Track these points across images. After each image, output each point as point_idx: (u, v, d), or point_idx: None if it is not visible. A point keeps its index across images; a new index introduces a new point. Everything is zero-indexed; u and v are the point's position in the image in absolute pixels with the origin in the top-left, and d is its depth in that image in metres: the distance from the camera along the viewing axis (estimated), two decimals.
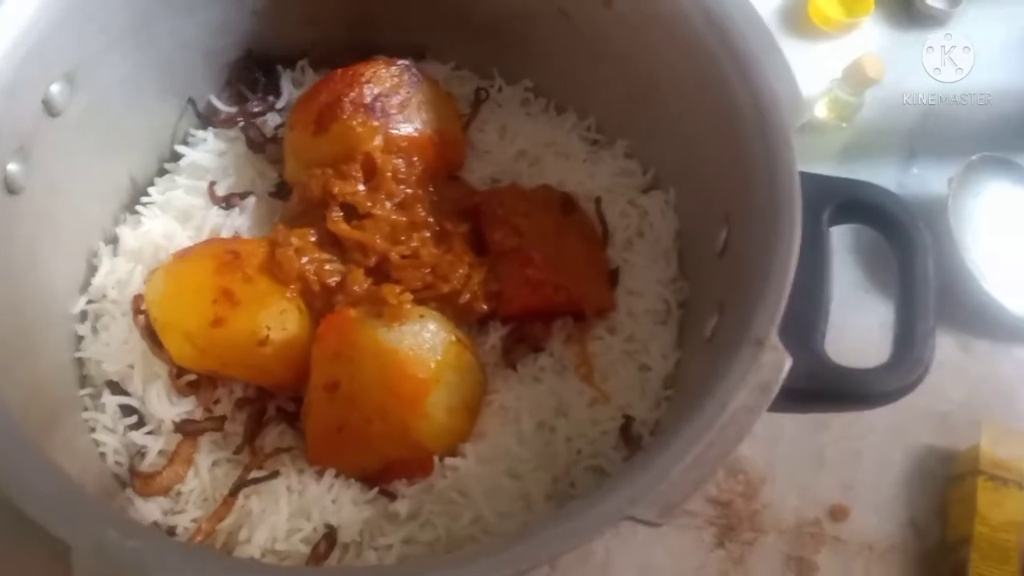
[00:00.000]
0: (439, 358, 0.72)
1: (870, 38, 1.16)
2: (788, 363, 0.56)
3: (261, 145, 0.87)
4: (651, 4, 0.74)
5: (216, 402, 0.77)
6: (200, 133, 0.89)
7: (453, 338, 0.74)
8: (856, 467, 0.89)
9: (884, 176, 1.07)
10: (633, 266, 0.82)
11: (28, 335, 0.73)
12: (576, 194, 0.85)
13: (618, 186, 0.86)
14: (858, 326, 0.90)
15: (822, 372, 0.61)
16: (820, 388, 0.61)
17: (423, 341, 0.72)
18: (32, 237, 0.74)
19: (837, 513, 0.88)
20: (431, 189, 0.82)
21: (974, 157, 1.03)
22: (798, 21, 1.17)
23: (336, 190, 0.78)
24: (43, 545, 0.52)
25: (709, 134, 0.73)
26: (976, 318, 0.97)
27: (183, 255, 0.77)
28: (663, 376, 0.78)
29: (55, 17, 0.70)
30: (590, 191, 0.85)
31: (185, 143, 0.89)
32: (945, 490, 0.88)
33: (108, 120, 0.80)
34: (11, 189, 0.70)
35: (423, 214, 0.80)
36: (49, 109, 0.73)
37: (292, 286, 0.76)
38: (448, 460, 0.71)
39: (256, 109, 0.88)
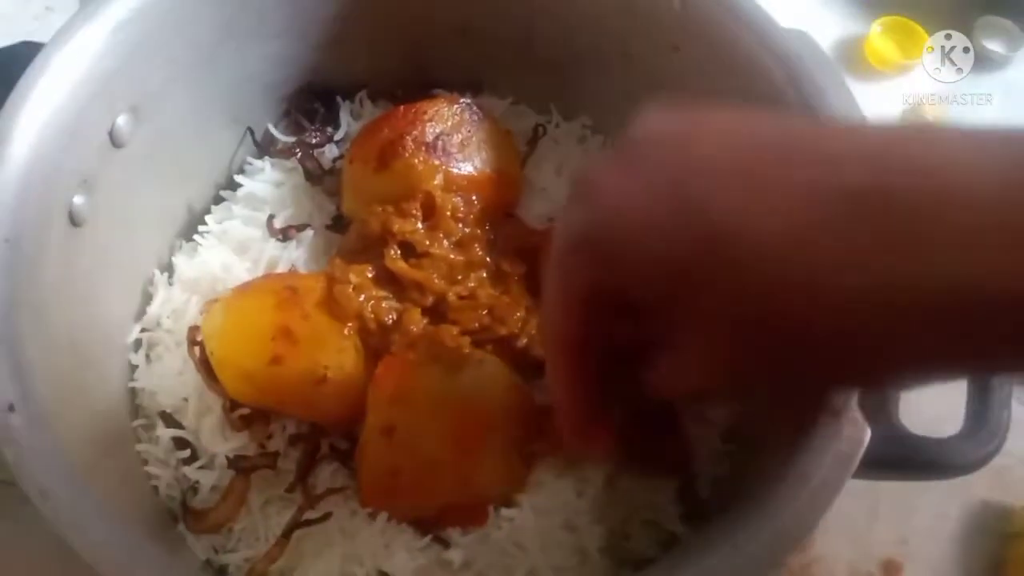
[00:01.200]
0: (497, 404, 0.71)
1: (926, 81, 1.15)
2: (868, 435, 0.55)
3: (319, 177, 0.86)
4: (723, 51, 0.73)
5: (269, 437, 0.77)
6: (257, 162, 0.88)
7: (511, 383, 0.73)
8: (911, 521, 0.88)
9: None
10: None
11: (84, 365, 0.73)
12: None
13: None
14: None
15: (897, 442, 0.60)
16: (895, 458, 0.60)
17: (481, 386, 0.71)
18: (91, 267, 0.74)
19: (890, 569, 0.86)
20: (488, 228, 0.81)
21: None
22: (854, 62, 1.16)
23: (396, 228, 0.78)
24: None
25: None
26: None
27: (242, 290, 0.77)
28: (722, 429, 0.76)
29: (124, 51, 0.70)
30: None
31: (242, 172, 0.89)
32: (1001, 549, 0.87)
33: (169, 150, 0.80)
34: (75, 222, 0.70)
35: (480, 253, 0.79)
36: (114, 141, 0.73)
37: (350, 324, 0.75)
38: (504, 511, 0.70)
39: (314, 140, 0.88)
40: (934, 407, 0.72)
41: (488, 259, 0.79)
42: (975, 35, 1.15)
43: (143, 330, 0.81)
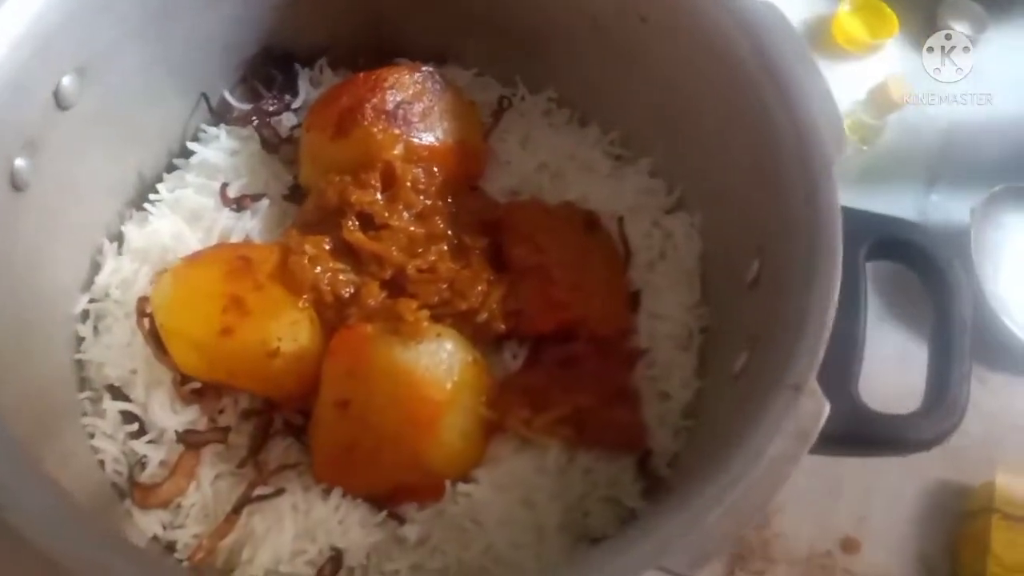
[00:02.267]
0: (455, 379, 0.70)
1: (893, 62, 1.14)
2: (827, 410, 0.54)
3: (275, 146, 0.84)
4: (693, 23, 0.72)
5: (221, 412, 0.75)
6: (212, 130, 0.86)
7: (470, 358, 0.71)
8: (870, 500, 0.88)
9: (903, 202, 1.06)
10: (655, 289, 0.80)
11: (28, 335, 0.70)
12: (599, 211, 0.82)
13: (642, 205, 0.84)
14: (875, 357, 0.88)
15: (856, 418, 0.60)
16: (854, 434, 0.60)
17: (439, 361, 0.70)
18: (35, 234, 0.71)
19: (849, 546, 0.86)
20: (450, 200, 0.79)
21: (997, 188, 1.01)
22: (822, 41, 1.15)
23: (354, 198, 0.76)
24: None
25: (743, 160, 0.71)
26: (994, 351, 0.96)
27: (192, 259, 0.74)
28: (682, 405, 0.76)
29: (69, 7, 0.67)
30: (613, 209, 0.83)
31: (196, 139, 0.86)
32: (958, 527, 0.87)
33: (119, 114, 0.77)
34: (16, 185, 0.67)
35: (442, 226, 0.78)
36: (59, 102, 0.70)
37: (304, 296, 0.73)
38: (461, 486, 0.69)
39: (271, 108, 0.86)
40: (894, 384, 0.72)
41: (449, 232, 0.78)
42: (941, 16, 1.15)
43: (91, 300, 0.78)
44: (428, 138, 0.79)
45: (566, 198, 0.83)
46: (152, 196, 0.83)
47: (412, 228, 0.77)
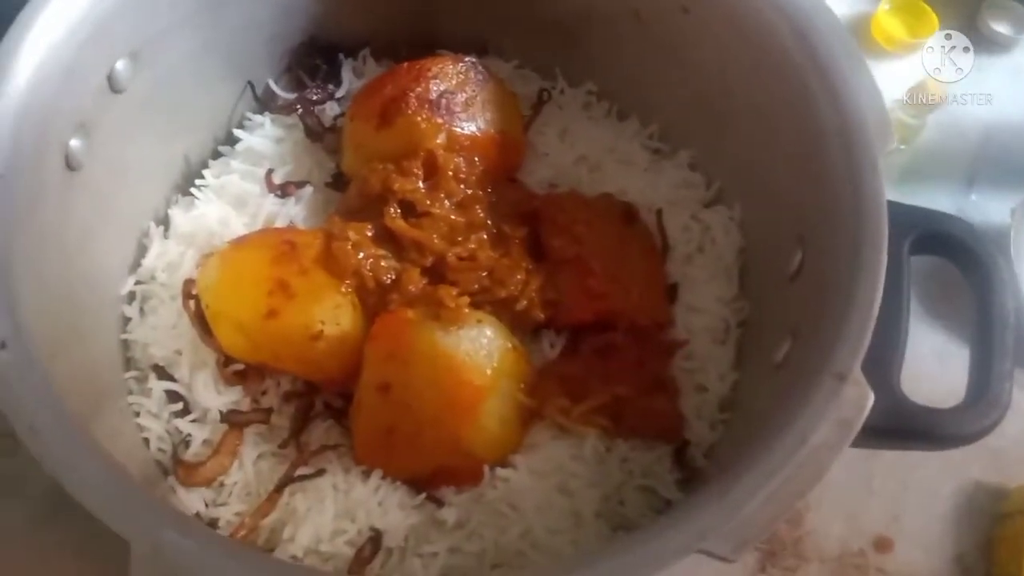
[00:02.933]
0: (495, 365, 0.70)
1: (933, 62, 1.14)
2: (871, 400, 0.54)
3: (319, 134, 0.85)
4: (735, 13, 0.72)
5: (263, 393, 0.76)
6: (257, 117, 0.87)
7: (509, 345, 0.72)
8: (904, 499, 0.87)
9: (942, 202, 1.05)
10: (693, 282, 0.80)
11: (78, 314, 0.72)
12: (637, 204, 0.83)
13: (680, 198, 0.84)
14: (914, 354, 0.88)
15: (897, 410, 0.60)
16: (895, 427, 0.59)
17: (480, 347, 0.70)
18: (87, 214, 0.72)
19: (882, 545, 0.86)
20: (490, 190, 0.80)
21: None
22: (861, 39, 1.14)
23: (396, 186, 0.77)
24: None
25: (786, 152, 0.71)
26: None
27: (239, 243, 0.76)
28: (719, 398, 0.76)
29: None
30: (651, 202, 0.83)
31: (241, 127, 0.88)
32: (993, 528, 0.86)
33: (169, 99, 0.79)
34: (71, 166, 0.69)
35: (482, 215, 0.78)
36: (113, 86, 0.71)
37: (347, 281, 0.74)
38: (499, 471, 0.70)
39: (315, 97, 0.87)
40: (933, 380, 0.72)
41: (489, 221, 0.78)
42: (982, 17, 1.15)
43: (137, 282, 0.80)
44: (470, 128, 0.80)
45: (604, 191, 0.84)
46: (198, 181, 0.84)
47: (453, 216, 0.78)
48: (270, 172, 0.82)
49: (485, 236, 0.78)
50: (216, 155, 0.87)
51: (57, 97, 0.64)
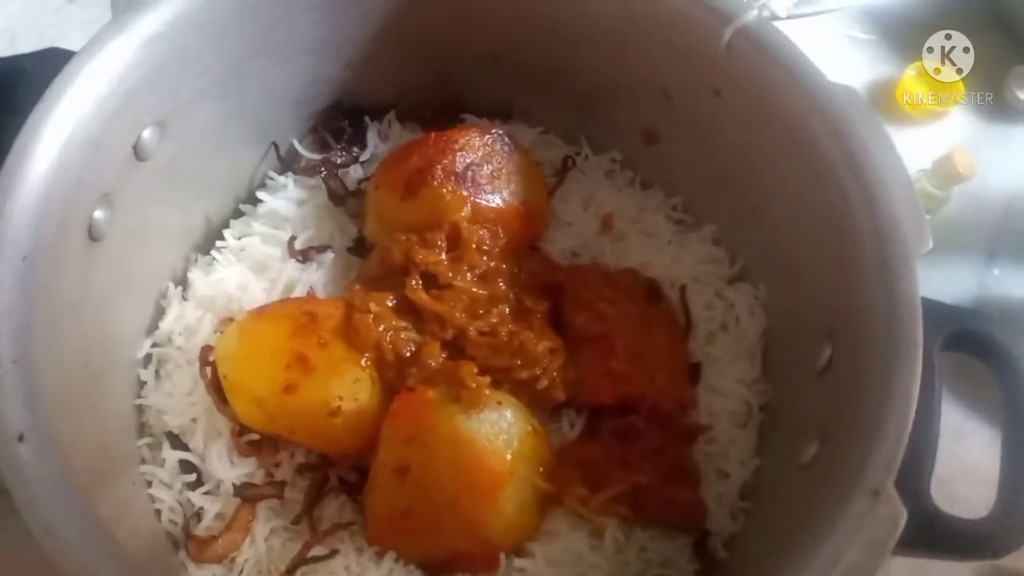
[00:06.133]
0: (515, 449, 0.69)
1: (957, 129, 1.13)
2: (903, 520, 0.53)
3: (342, 198, 0.85)
4: (767, 100, 0.71)
5: (277, 465, 0.75)
6: (280, 178, 0.87)
7: (529, 428, 0.71)
8: None
9: (964, 275, 1.04)
10: (715, 361, 0.79)
11: (93, 381, 0.71)
12: (660, 279, 0.82)
13: (704, 274, 0.83)
14: None
15: (930, 521, 0.58)
16: (926, 540, 0.58)
17: (500, 431, 0.69)
18: (106, 282, 0.72)
19: None
20: (512, 262, 0.79)
21: None
22: (886, 105, 1.14)
23: (419, 258, 0.76)
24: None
25: (815, 240, 0.70)
26: None
27: (259, 314, 0.75)
28: (741, 484, 0.75)
29: (154, 64, 0.69)
30: (675, 276, 0.83)
31: (264, 186, 0.87)
32: None
33: (192, 164, 0.78)
34: (94, 237, 0.68)
35: (504, 288, 0.78)
36: (139, 155, 0.71)
37: (367, 354, 0.73)
38: (516, 560, 0.69)
39: (339, 160, 0.86)
40: (950, 462, 0.70)
41: (511, 294, 0.78)
42: (1008, 84, 1.14)
43: (154, 345, 0.79)
44: (495, 200, 0.79)
45: (627, 263, 0.83)
46: (219, 243, 0.83)
47: (475, 289, 0.77)
48: (292, 239, 0.81)
49: (507, 310, 0.77)
50: (237, 214, 0.87)
51: (83, 171, 0.64)
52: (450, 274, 0.77)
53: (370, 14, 0.80)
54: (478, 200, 0.78)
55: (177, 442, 0.75)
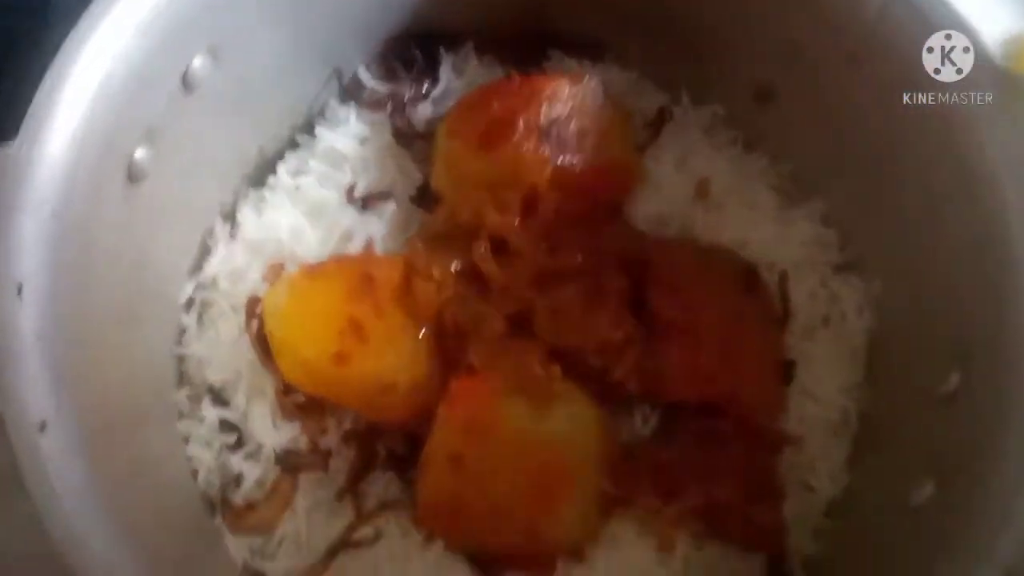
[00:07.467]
0: (582, 450, 0.63)
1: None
2: None
3: (409, 139, 0.76)
4: (913, 82, 0.61)
5: (324, 432, 0.70)
6: (341, 110, 0.78)
7: (599, 427, 0.65)
8: None
9: None
10: (812, 361, 0.71)
11: (134, 326, 0.66)
12: (757, 260, 0.73)
13: (809, 259, 0.74)
14: None
15: None
16: None
17: (568, 429, 0.63)
18: (148, 223, 0.66)
19: None
20: (592, 231, 0.71)
21: None
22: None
23: (490, 220, 0.68)
24: None
25: (954, 243, 0.61)
26: None
27: (313, 272, 0.68)
28: (827, 500, 0.68)
29: None
30: (775, 259, 0.73)
31: (323, 115, 0.78)
32: None
33: (245, 93, 0.70)
34: (134, 178, 0.61)
35: (579, 261, 0.69)
36: (187, 85, 0.63)
37: (426, 326, 0.67)
38: (575, 568, 0.63)
39: (409, 94, 0.77)
40: None
41: (586, 269, 0.69)
42: None
43: (198, 286, 0.73)
44: (579, 163, 0.70)
45: (722, 239, 0.74)
46: (271, 179, 0.76)
47: (546, 260, 0.69)
48: (352, 186, 0.73)
49: (580, 286, 0.69)
50: (292, 144, 0.78)
51: (124, 108, 0.57)
52: (522, 242, 0.68)
53: None
54: (561, 162, 0.69)
55: (218, 398, 0.70)
